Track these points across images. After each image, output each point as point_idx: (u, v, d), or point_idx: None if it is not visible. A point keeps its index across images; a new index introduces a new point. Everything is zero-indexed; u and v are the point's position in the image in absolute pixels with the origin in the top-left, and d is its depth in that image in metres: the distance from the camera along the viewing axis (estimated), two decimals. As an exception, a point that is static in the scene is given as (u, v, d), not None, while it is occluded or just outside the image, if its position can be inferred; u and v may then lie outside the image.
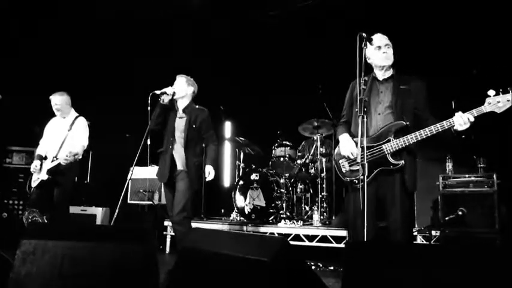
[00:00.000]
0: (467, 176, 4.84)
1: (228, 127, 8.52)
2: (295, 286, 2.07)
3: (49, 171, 4.91)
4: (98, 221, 6.36)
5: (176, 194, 4.23)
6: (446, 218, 4.74)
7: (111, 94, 7.40)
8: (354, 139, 3.30)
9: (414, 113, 3.22)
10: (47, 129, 5.29)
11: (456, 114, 2.95)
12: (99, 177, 7.40)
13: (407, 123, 3.14)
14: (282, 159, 6.34)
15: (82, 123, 5.17)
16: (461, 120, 2.92)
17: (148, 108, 4.15)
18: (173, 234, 5.88)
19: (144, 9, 7.06)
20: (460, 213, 4.68)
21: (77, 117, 5.19)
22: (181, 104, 4.43)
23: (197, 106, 4.48)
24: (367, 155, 3.12)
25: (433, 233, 5.03)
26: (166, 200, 4.51)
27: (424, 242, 5.18)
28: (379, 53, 3.30)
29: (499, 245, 4.38)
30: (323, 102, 6.20)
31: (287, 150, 6.41)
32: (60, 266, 2.34)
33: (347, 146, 3.30)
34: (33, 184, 5.02)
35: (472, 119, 2.92)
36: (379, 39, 3.32)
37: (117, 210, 3.91)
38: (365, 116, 2.89)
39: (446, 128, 2.99)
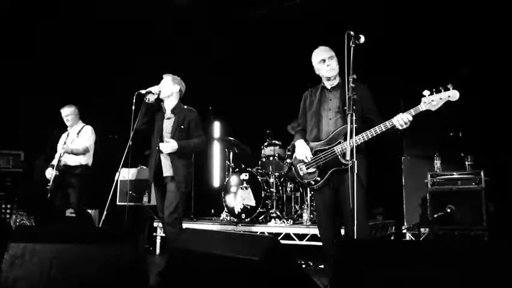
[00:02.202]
0: (455, 173, 4.89)
1: (217, 127, 8.50)
2: (286, 285, 2.08)
3: (57, 169, 5.25)
4: (87, 223, 6.31)
5: (167, 195, 4.20)
6: (435, 216, 4.79)
7: (97, 95, 7.34)
8: (309, 144, 3.57)
9: (363, 115, 3.39)
10: (60, 143, 5.61)
11: (397, 115, 3.16)
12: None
13: (356, 126, 3.25)
14: (271, 158, 6.33)
15: (89, 130, 5.58)
16: (401, 121, 3.14)
17: (133, 107, 4.12)
18: (163, 235, 5.86)
19: (133, 9, 7.02)
20: (448, 210, 4.73)
21: (84, 126, 5.58)
22: (169, 105, 4.37)
23: (186, 107, 4.43)
24: (321, 158, 3.42)
25: (422, 230, 5.07)
26: (156, 201, 4.48)
27: (413, 239, 5.22)
28: (324, 65, 3.57)
29: (486, 241, 4.44)
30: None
31: (276, 150, 6.40)
32: (49, 269, 2.32)
33: (302, 150, 3.55)
34: (49, 189, 5.28)
35: (411, 118, 3.14)
36: (322, 52, 3.61)
37: (105, 212, 3.89)
38: (353, 115, 2.96)
39: (389, 127, 3.19)
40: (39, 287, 2.28)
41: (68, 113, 5.52)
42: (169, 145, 4.12)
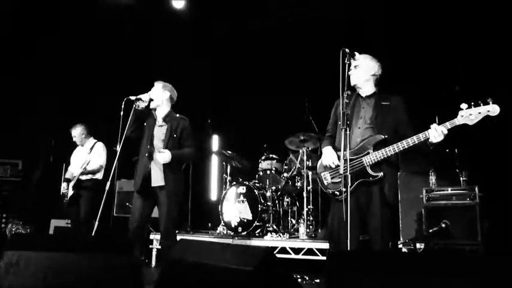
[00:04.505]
0: (450, 189, 4.91)
1: (215, 140, 8.55)
2: (279, 296, 2.09)
3: (73, 187, 5.58)
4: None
5: (160, 207, 4.15)
6: (430, 231, 4.79)
7: (94, 104, 7.36)
8: (337, 152, 3.41)
9: (395, 127, 3.31)
10: (72, 157, 5.95)
11: (431, 126, 3.05)
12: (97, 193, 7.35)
13: (386, 136, 3.24)
14: (268, 172, 6.37)
15: (100, 147, 5.82)
16: (435, 133, 3.02)
17: (121, 113, 4.08)
18: (159, 247, 5.84)
19: (132, 13, 7.10)
20: (443, 225, 4.74)
21: (95, 143, 5.83)
22: (161, 112, 4.33)
23: (178, 115, 4.40)
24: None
25: (418, 245, 5.07)
26: (133, 208, 4.23)
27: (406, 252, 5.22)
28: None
29: (480, 254, 4.44)
30: (309, 116, 6.27)
31: (274, 164, 6.44)
32: (43, 278, 2.33)
33: (329, 156, 3.43)
34: (66, 203, 5.64)
35: (446, 131, 3.02)
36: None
37: (96, 223, 3.87)
38: (347, 129, 2.98)
39: (422, 140, 3.08)
40: (34, 295, 2.29)
41: (73, 134, 5.82)
42: (164, 155, 4.07)
